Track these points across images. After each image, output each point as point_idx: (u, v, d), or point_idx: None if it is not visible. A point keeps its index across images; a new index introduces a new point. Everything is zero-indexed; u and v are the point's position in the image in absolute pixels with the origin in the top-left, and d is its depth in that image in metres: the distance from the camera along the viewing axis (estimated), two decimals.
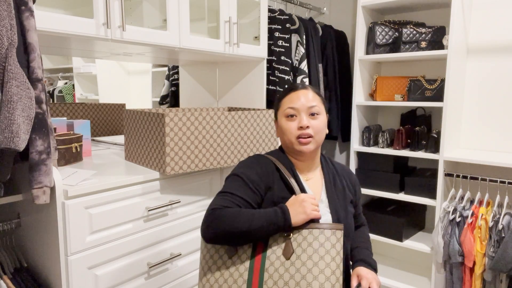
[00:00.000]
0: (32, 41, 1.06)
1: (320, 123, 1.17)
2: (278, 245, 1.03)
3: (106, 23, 1.35)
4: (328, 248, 1.00)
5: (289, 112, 1.17)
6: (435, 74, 2.53)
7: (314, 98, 1.18)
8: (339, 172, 1.27)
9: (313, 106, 1.16)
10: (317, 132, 1.16)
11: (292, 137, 1.16)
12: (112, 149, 1.88)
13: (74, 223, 1.20)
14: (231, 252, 1.06)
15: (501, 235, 1.90)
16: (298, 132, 1.15)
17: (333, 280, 0.97)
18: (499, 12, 2.27)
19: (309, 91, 1.19)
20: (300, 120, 1.15)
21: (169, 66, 2.54)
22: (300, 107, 1.16)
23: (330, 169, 1.26)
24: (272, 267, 1.01)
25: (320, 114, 1.17)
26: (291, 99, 1.18)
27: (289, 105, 1.17)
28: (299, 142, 1.15)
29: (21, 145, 1.00)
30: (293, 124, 1.16)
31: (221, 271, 1.05)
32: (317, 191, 1.20)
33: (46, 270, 1.29)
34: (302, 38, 2.35)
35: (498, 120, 2.32)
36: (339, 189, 1.23)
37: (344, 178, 1.27)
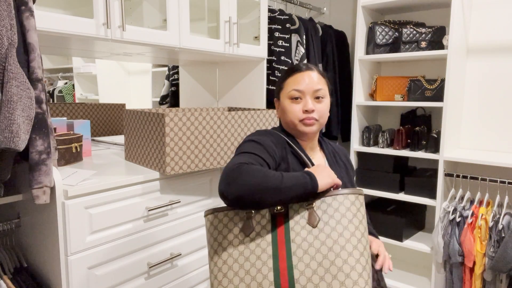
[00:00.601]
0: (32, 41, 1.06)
1: (324, 106, 1.16)
2: (300, 215, 0.97)
3: (106, 23, 1.35)
4: (355, 211, 0.97)
5: (294, 95, 1.14)
6: (435, 74, 2.53)
7: (320, 81, 1.15)
8: (337, 151, 1.29)
9: (319, 90, 1.14)
10: (321, 116, 1.15)
11: (296, 119, 1.14)
12: (112, 149, 1.88)
13: (74, 223, 1.20)
14: (248, 229, 0.98)
15: (501, 235, 1.90)
16: (302, 115, 1.13)
17: (363, 242, 0.95)
18: (499, 12, 2.27)
19: (315, 73, 1.16)
20: (305, 103, 1.13)
21: (169, 66, 2.54)
22: (306, 89, 1.13)
23: (329, 148, 1.27)
24: (299, 237, 0.95)
25: (325, 97, 1.16)
26: (296, 80, 1.15)
27: (294, 87, 1.14)
28: (302, 124, 1.14)
29: (21, 145, 1.00)
30: (298, 106, 1.14)
31: (239, 250, 0.97)
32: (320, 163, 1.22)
33: (46, 270, 1.29)
34: (302, 38, 2.35)
35: (498, 120, 2.32)
36: (342, 167, 1.24)
37: (342, 155, 1.29)
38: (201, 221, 1.62)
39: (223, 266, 0.97)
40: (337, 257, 0.91)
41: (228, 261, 0.97)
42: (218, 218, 1.02)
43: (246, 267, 0.95)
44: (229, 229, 1.00)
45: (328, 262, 0.91)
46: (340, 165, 1.24)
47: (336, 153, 1.27)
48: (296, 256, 0.93)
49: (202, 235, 1.63)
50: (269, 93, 2.33)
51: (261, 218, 0.99)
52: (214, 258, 0.99)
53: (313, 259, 0.92)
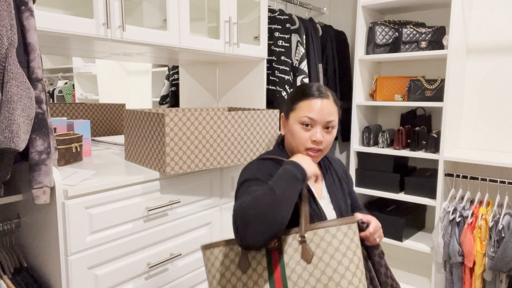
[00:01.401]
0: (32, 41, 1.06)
1: (331, 137, 1.16)
2: (293, 249, 0.97)
3: (106, 23, 1.35)
4: (348, 243, 0.96)
5: (305, 121, 1.13)
6: (435, 74, 2.53)
7: (333, 111, 1.14)
8: (333, 164, 1.27)
9: (331, 121, 1.14)
10: (326, 147, 1.15)
11: (302, 147, 1.14)
12: (112, 149, 1.88)
13: (74, 223, 1.20)
14: (245, 265, 0.99)
15: (501, 235, 1.90)
16: (310, 145, 1.13)
17: (358, 274, 0.94)
18: (499, 12, 2.27)
19: (330, 101, 1.15)
20: (314, 133, 1.12)
21: (169, 66, 2.54)
22: (318, 119, 1.12)
23: (325, 163, 1.26)
24: (295, 274, 0.95)
25: (334, 127, 1.16)
26: (311, 107, 1.13)
27: (307, 114, 1.12)
28: (307, 153, 1.14)
29: (21, 145, 1.00)
30: (307, 134, 1.13)
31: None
32: (318, 187, 1.20)
33: (46, 270, 1.29)
34: (302, 38, 2.35)
35: (498, 120, 2.32)
36: (337, 182, 1.23)
37: (338, 169, 1.28)
38: (201, 221, 1.62)
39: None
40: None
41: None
42: (214, 254, 1.04)
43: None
44: (225, 266, 1.02)
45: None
46: (335, 182, 1.24)
47: (331, 165, 1.27)
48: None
49: (202, 235, 1.63)
50: (269, 93, 2.33)
51: (256, 253, 0.99)
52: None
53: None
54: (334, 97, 1.18)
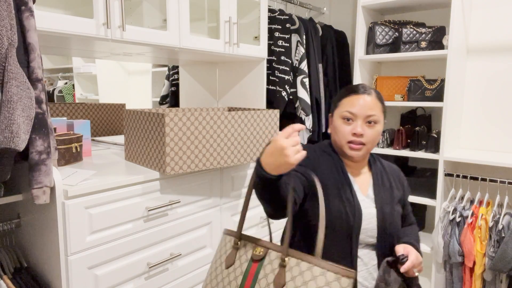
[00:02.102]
0: (32, 41, 1.06)
1: (375, 132, 1.16)
2: (271, 269, 0.93)
3: (106, 23, 1.35)
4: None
5: (346, 116, 1.16)
6: (435, 74, 2.53)
7: (375, 106, 1.16)
8: (388, 171, 1.27)
9: (372, 115, 1.15)
10: (369, 141, 1.16)
11: (344, 140, 1.16)
12: (112, 149, 1.88)
13: (74, 223, 1.20)
14: (230, 260, 1.03)
15: (501, 235, 1.90)
16: (350, 137, 1.15)
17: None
18: (499, 12, 2.27)
19: (371, 97, 1.17)
20: (355, 126, 1.14)
21: (169, 66, 2.54)
22: (358, 113, 1.15)
23: (378, 167, 1.26)
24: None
25: (377, 123, 1.16)
26: (352, 102, 1.16)
27: (347, 108, 1.16)
28: (349, 147, 1.16)
29: (21, 145, 1.00)
30: (348, 128, 1.16)
31: (217, 279, 1.04)
32: (365, 187, 1.22)
33: (46, 270, 1.29)
34: (302, 38, 2.35)
35: (498, 120, 2.32)
36: (387, 188, 1.23)
37: (392, 176, 1.27)
38: (201, 221, 1.62)
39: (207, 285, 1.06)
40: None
41: (212, 283, 1.06)
42: (225, 240, 1.10)
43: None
44: (220, 254, 1.06)
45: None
46: (385, 186, 1.23)
47: (385, 173, 1.26)
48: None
49: (202, 235, 1.63)
50: (269, 93, 2.33)
51: (243, 253, 1.01)
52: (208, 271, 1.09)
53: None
54: (378, 94, 1.20)
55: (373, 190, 1.21)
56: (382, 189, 1.22)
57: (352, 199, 1.15)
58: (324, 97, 2.58)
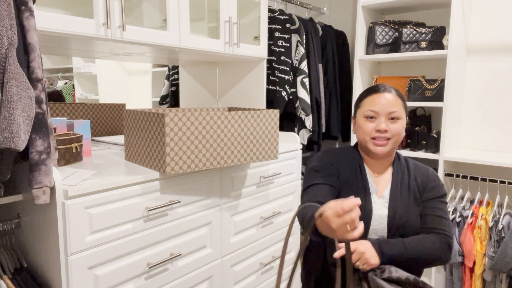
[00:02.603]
0: (32, 41, 1.06)
1: (399, 126, 1.20)
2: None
3: (106, 23, 1.35)
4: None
5: (369, 114, 1.21)
6: (435, 74, 2.53)
7: (396, 103, 1.20)
8: (411, 170, 1.28)
9: (394, 112, 1.19)
10: (394, 135, 1.20)
11: (367, 137, 1.21)
12: (112, 149, 1.88)
13: (74, 223, 1.20)
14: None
15: (501, 235, 1.90)
16: (374, 134, 1.20)
17: None
18: (499, 12, 2.27)
19: (391, 94, 1.21)
20: (378, 123, 1.19)
21: (169, 66, 2.54)
22: (381, 110, 1.19)
23: (401, 166, 1.28)
24: None
25: (400, 118, 1.21)
26: (373, 101, 1.21)
27: (369, 107, 1.21)
28: (373, 143, 1.20)
29: (21, 145, 1.00)
30: (371, 125, 1.21)
31: None
32: (383, 186, 1.25)
33: (46, 270, 1.29)
34: (302, 38, 2.35)
35: (498, 120, 2.32)
36: (405, 187, 1.24)
37: (416, 176, 1.27)
38: (201, 221, 1.62)
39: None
40: None
41: None
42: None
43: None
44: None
45: None
46: (403, 186, 1.24)
47: (408, 173, 1.27)
48: None
49: (202, 235, 1.63)
50: (269, 93, 2.33)
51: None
52: None
53: None
54: (398, 92, 1.24)
55: (389, 190, 1.24)
56: (400, 188, 1.23)
57: (364, 202, 1.20)
58: (324, 97, 2.58)
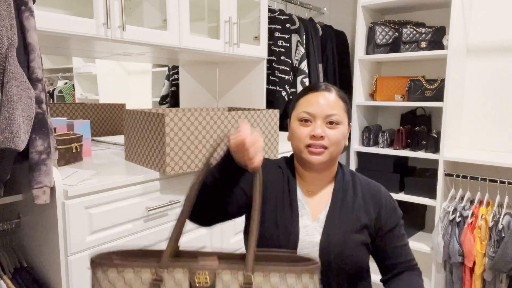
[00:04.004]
0: (32, 41, 1.06)
1: (337, 133, 1.00)
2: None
3: (106, 23, 1.35)
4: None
5: (303, 117, 1.01)
6: (435, 74, 2.53)
7: (336, 104, 1.01)
8: (358, 189, 1.06)
9: (332, 115, 1.00)
10: (332, 144, 0.99)
11: (301, 144, 1.00)
12: (112, 149, 1.88)
13: (74, 223, 1.20)
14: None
15: (501, 235, 1.90)
16: (309, 141, 0.99)
17: None
18: (499, 12, 2.27)
19: (332, 95, 1.02)
20: (313, 128, 0.99)
21: (169, 66, 2.54)
22: (317, 113, 0.99)
23: (344, 183, 1.06)
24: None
25: (340, 124, 1.00)
26: (309, 101, 1.02)
27: (304, 109, 1.01)
28: (308, 151, 0.99)
29: (21, 145, 1.00)
30: (306, 130, 1.00)
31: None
32: (319, 207, 1.04)
33: (46, 270, 1.28)
34: (302, 38, 2.35)
35: (498, 120, 2.32)
36: (347, 209, 1.02)
37: (364, 197, 1.05)
38: None
39: None
40: None
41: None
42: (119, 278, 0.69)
43: None
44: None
45: None
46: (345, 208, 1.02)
47: (353, 192, 1.05)
48: None
49: (202, 235, 1.63)
50: (269, 93, 2.33)
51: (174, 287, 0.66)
52: None
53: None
54: (340, 92, 1.05)
55: (326, 213, 1.02)
56: (340, 210, 1.01)
57: (290, 224, 0.99)
58: None
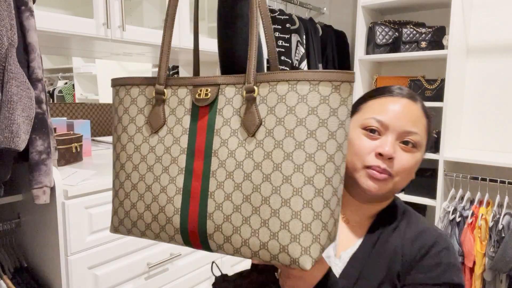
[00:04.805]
0: (32, 41, 1.06)
1: (411, 160, 0.73)
2: (233, 109, 0.59)
3: (106, 23, 1.35)
4: (324, 115, 0.54)
5: (371, 125, 0.74)
6: (435, 74, 2.53)
7: (419, 121, 0.75)
8: (404, 235, 0.77)
9: (412, 133, 0.73)
10: (401, 172, 0.73)
11: (359, 161, 0.73)
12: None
13: (74, 223, 1.20)
14: (157, 120, 0.64)
15: (501, 235, 1.90)
16: (372, 160, 0.72)
17: (328, 171, 0.54)
18: (499, 12, 2.27)
19: (417, 106, 0.76)
20: (382, 144, 0.72)
21: (169, 66, 2.54)
22: (392, 124, 0.73)
23: (390, 221, 0.79)
24: (225, 149, 0.58)
25: (417, 148, 0.74)
26: (383, 106, 0.75)
27: (375, 115, 0.74)
28: (366, 174, 0.72)
29: (21, 145, 1.00)
30: (370, 144, 0.73)
31: (142, 152, 0.64)
32: (346, 242, 0.79)
33: (46, 270, 1.29)
34: (302, 38, 2.35)
35: (498, 120, 2.32)
36: (382, 256, 0.75)
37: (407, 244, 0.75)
38: None
39: (120, 171, 0.66)
40: (274, 192, 0.54)
41: (127, 165, 0.66)
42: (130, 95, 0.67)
43: (147, 180, 0.63)
44: (130, 116, 0.66)
45: (258, 198, 0.55)
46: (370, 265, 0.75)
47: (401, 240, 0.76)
48: (215, 178, 0.58)
49: None
50: None
51: (177, 105, 0.63)
52: (117, 150, 0.68)
53: (237, 188, 0.57)
54: (425, 105, 0.79)
55: (353, 254, 0.77)
56: (369, 254, 0.76)
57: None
58: None
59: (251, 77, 0.58)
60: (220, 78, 0.61)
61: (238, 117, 0.59)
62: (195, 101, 0.62)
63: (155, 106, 0.64)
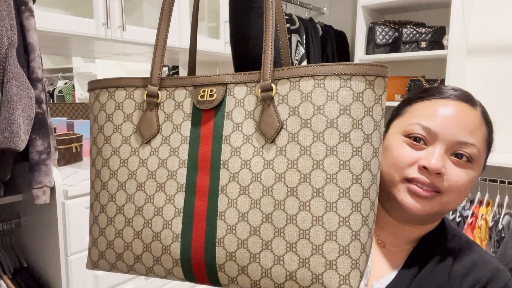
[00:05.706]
0: (32, 41, 1.06)
1: (465, 177, 0.59)
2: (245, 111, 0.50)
3: (106, 23, 1.35)
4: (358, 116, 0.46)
5: (416, 132, 0.60)
6: (435, 74, 2.53)
7: (478, 130, 0.61)
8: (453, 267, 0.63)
9: (467, 145, 0.59)
10: (451, 190, 0.59)
11: (398, 173, 0.60)
12: None
13: (74, 223, 1.20)
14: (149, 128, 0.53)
15: (501, 235, 1.90)
16: (413, 172, 0.59)
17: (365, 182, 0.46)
18: (499, 12, 2.27)
19: (476, 112, 0.62)
20: (428, 155, 0.58)
21: (169, 66, 2.54)
22: (442, 133, 0.59)
23: (436, 248, 0.65)
24: (237, 159, 0.49)
25: (474, 163, 0.60)
26: (433, 110, 0.61)
27: (421, 120, 0.60)
28: (407, 188, 0.59)
29: (21, 145, 1.00)
30: (412, 153, 0.60)
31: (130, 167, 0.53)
32: (381, 270, 0.65)
33: (46, 270, 1.29)
34: (302, 38, 2.35)
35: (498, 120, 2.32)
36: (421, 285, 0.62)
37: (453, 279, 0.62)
38: None
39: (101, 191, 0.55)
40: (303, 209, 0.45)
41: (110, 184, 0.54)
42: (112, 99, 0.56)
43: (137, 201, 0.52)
44: (115, 125, 0.55)
45: (282, 217, 0.46)
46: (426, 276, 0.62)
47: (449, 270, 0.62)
48: (226, 195, 0.48)
49: None
50: None
51: (174, 109, 0.53)
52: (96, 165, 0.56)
53: (255, 206, 0.47)
54: (485, 111, 0.67)
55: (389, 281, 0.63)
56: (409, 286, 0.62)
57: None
58: None
59: (268, 73, 0.48)
60: (228, 76, 0.51)
61: (252, 121, 0.49)
62: (197, 104, 0.51)
63: (146, 111, 0.53)
